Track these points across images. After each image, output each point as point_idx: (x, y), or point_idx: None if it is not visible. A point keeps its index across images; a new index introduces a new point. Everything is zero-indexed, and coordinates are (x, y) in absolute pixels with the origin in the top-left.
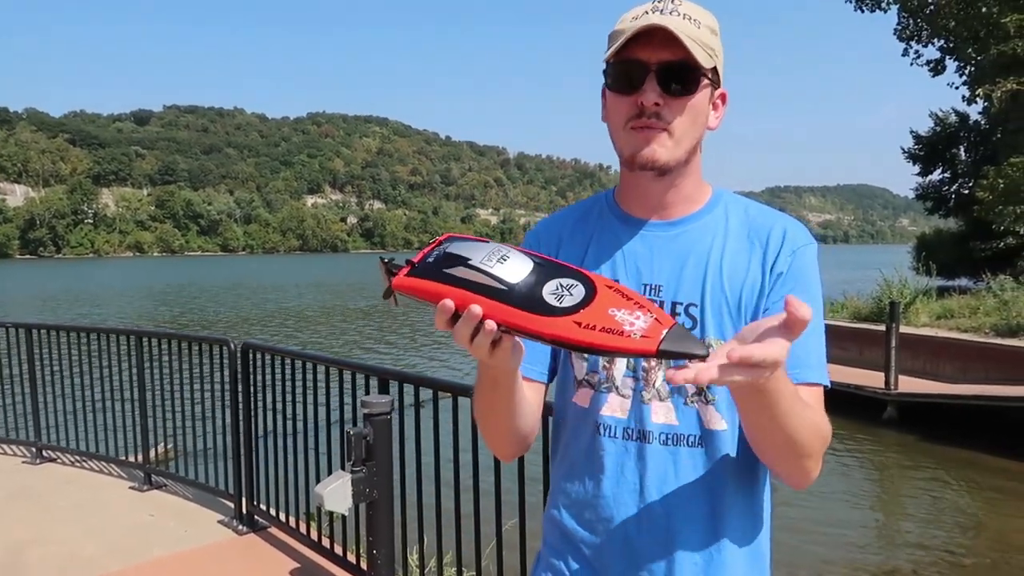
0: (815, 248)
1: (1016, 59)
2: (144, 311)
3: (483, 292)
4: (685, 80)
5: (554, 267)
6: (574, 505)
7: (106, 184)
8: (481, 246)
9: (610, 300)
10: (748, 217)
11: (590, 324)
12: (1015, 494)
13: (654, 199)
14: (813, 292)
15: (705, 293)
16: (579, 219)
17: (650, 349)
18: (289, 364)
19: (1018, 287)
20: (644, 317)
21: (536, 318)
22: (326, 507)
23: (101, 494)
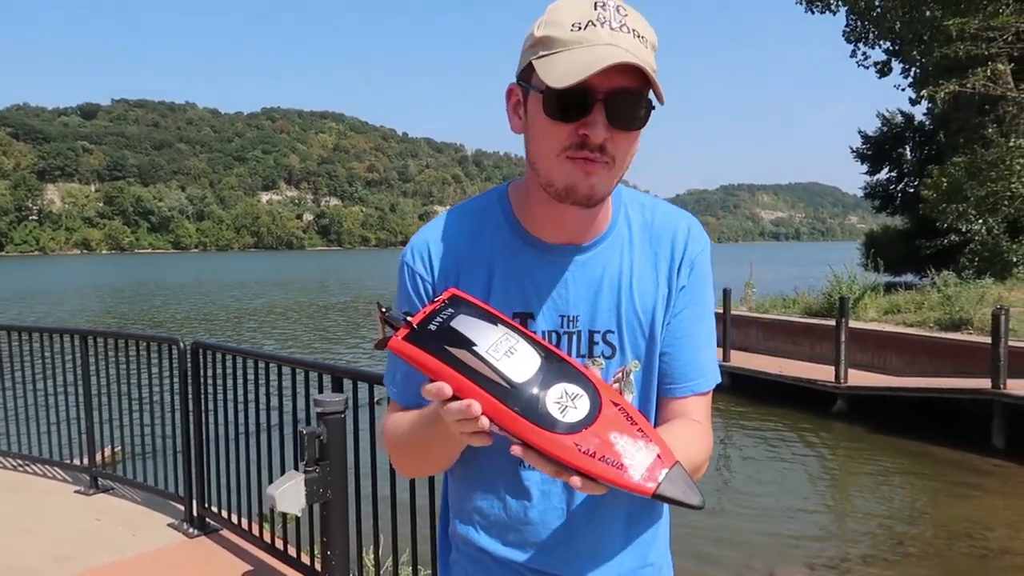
0: (709, 248)
1: (958, 62)
2: (91, 310)
3: (485, 386)
4: (638, 114)
5: (561, 367)
6: (494, 527)
7: (51, 180)
8: (490, 330)
9: (614, 422)
10: (646, 223)
11: (591, 451)
12: (958, 483)
13: (570, 226)
14: (707, 299)
15: (621, 319)
16: (474, 240)
17: (647, 491)
18: (241, 363)
19: (961, 283)
20: (646, 450)
21: (536, 430)
22: (279, 508)
23: (44, 499)
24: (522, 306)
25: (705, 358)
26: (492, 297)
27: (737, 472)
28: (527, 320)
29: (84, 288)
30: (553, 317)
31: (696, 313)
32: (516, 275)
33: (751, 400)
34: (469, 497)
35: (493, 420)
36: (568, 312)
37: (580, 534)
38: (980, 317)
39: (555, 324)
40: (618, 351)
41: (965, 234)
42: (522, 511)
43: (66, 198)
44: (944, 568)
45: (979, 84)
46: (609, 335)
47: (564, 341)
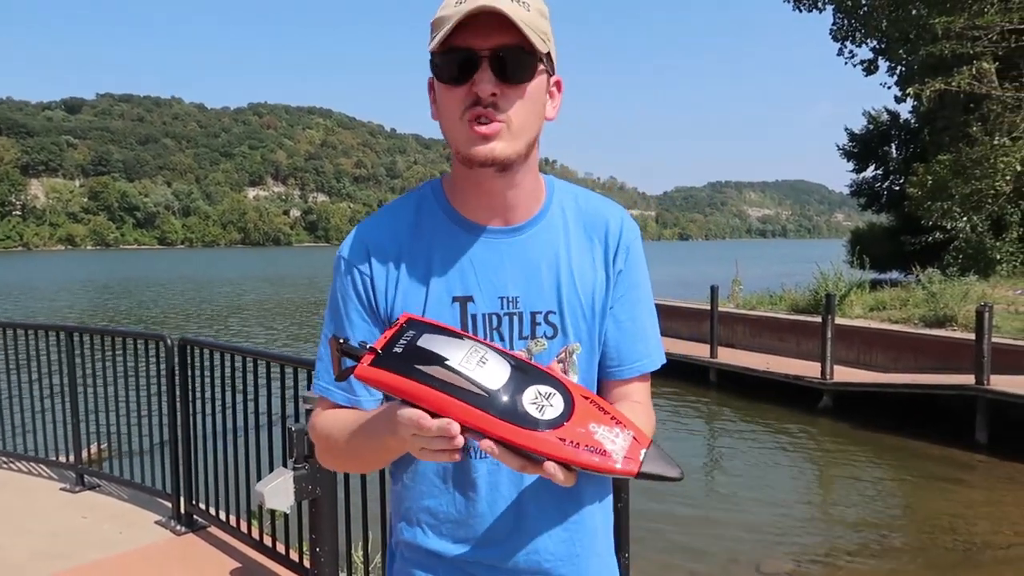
0: (639, 232)
1: (944, 60)
2: (77, 307)
3: (463, 398)
4: (521, 66)
5: (531, 371)
6: (443, 524)
7: (35, 175)
8: (457, 343)
9: (589, 414)
10: (580, 210)
11: (574, 441)
12: (943, 478)
13: (497, 200)
14: (644, 282)
15: (562, 299)
16: (411, 229)
17: (631, 472)
18: (228, 359)
19: (945, 280)
20: (623, 435)
21: (520, 431)
22: (267, 505)
23: (30, 496)
24: (462, 290)
25: (647, 339)
26: (431, 283)
27: (723, 467)
28: (467, 303)
29: (69, 284)
30: (492, 299)
31: (638, 296)
32: (453, 259)
33: (738, 396)
34: (416, 498)
35: (475, 428)
36: (507, 293)
37: (529, 524)
38: (964, 314)
39: (495, 306)
40: (560, 331)
41: (950, 232)
42: (471, 504)
43: (50, 193)
44: (928, 561)
45: (964, 83)
46: (551, 315)
47: (506, 322)
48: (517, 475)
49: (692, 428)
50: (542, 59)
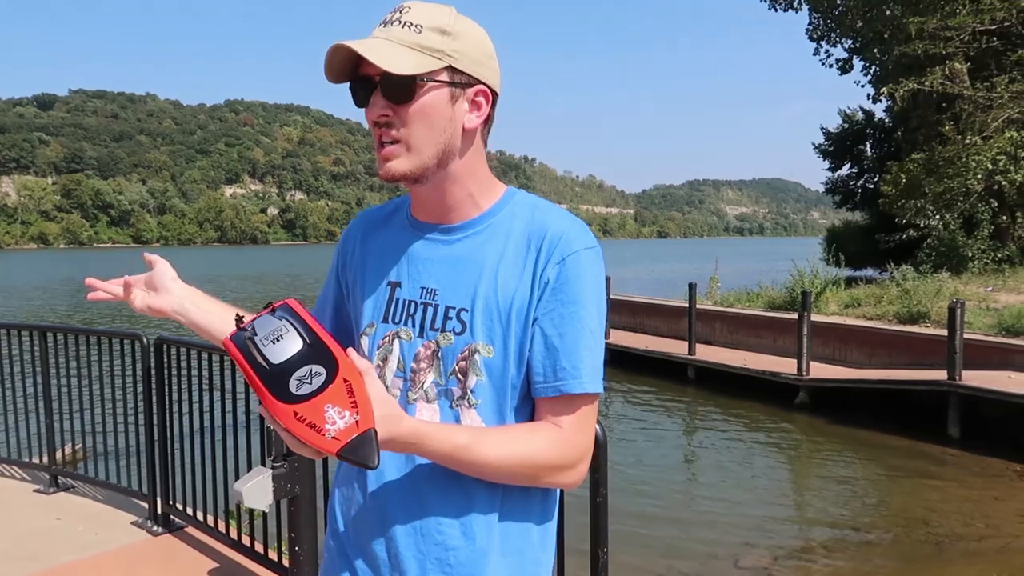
0: (592, 253)
1: (917, 60)
2: (50, 306)
3: (252, 365)
4: (400, 88)
5: (320, 351)
6: (341, 504)
7: (6, 172)
8: (272, 323)
9: (334, 395)
10: (532, 219)
11: (303, 416)
12: (916, 472)
13: (429, 205)
14: (582, 300)
15: (476, 299)
16: (384, 222)
17: (332, 450)
18: (206, 358)
19: (919, 277)
20: (348, 417)
21: (272, 401)
22: (246, 504)
23: (3, 499)
24: (395, 275)
25: (576, 359)
26: (377, 267)
27: (701, 463)
28: (396, 288)
29: (42, 283)
30: (415, 288)
31: (568, 313)
32: (394, 249)
33: (715, 392)
34: (337, 480)
35: (255, 391)
36: (428, 285)
37: (410, 514)
38: (937, 311)
39: (416, 294)
40: (468, 329)
41: (923, 229)
42: (360, 486)
43: (22, 191)
44: (901, 554)
45: (937, 82)
46: (463, 313)
47: (421, 310)
48: (403, 462)
49: (670, 425)
50: (422, 78)
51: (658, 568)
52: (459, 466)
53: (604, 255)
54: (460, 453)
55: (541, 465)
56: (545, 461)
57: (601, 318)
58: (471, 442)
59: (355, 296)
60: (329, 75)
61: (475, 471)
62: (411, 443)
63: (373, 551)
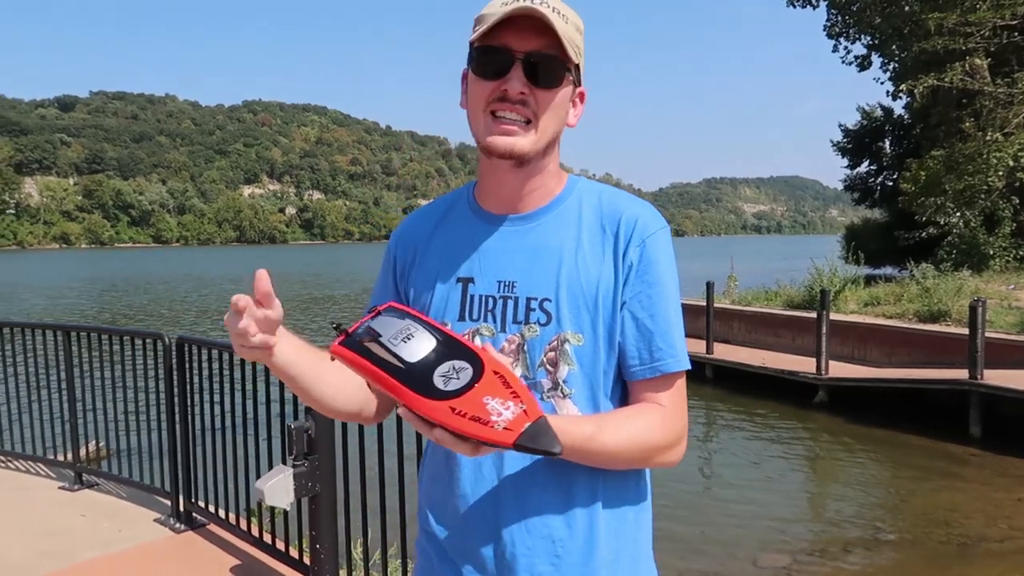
0: (666, 233)
1: (936, 56)
2: (73, 305)
3: (385, 368)
4: (552, 72)
5: (454, 347)
6: (436, 507)
7: (29, 173)
8: (395, 323)
9: (490, 387)
10: (600, 205)
11: (463, 411)
12: (936, 472)
13: (509, 192)
14: (665, 280)
15: (560, 287)
16: (441, 219)
17: (507, 442)
18: (227, 358)
19: (939, 275)
20: (514, 408)
21: (420, 399)
22: (267, 502)
23: (28, 495)
24: (465, 271)
25: (670, 339)
26: (442, 266)
27: (720, 462)
28: (468, 284)
29: (65, 283)
30: (491, 282)
31: (655, 293)
32: (461, 243)
33: (734, 392)
34: (426, 481)
35: (391, 395)
36: (505, 278)
37: (506, 514)
38: (958, 309)
39: (493, 289)
40: (554, 318)
41: (943, 227)
42: (456, 485)
43: (44, 192)
44: (922, 555)
45: (957, 78)
46: (546, 303)
47: (501, 305)
48: (499, 459)
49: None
50: (571, 69)
51: (676, 567)
52: (583, 456)
53: None
54: (587, 444)
55: (653, 446)
56: (656, 442)
57: (679, 295)
58: (596, 431)
59: (420, 299)
60: (482, 32)
61: (596, 460)
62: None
63: (479, 552)
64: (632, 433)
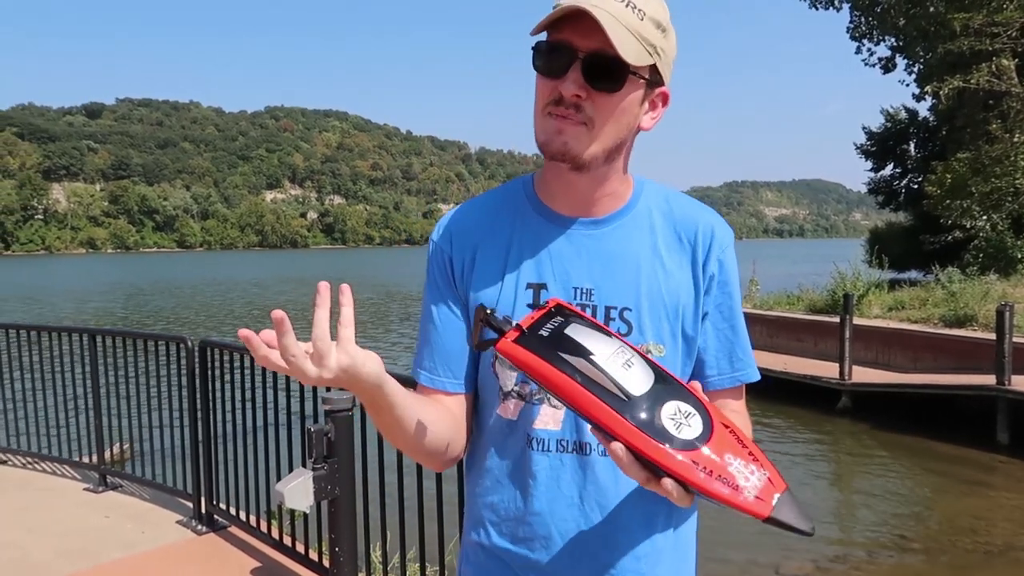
0: (733, 239)
1: (962, 57)
2: (99, 309)
3: (601, 396)
4: (610, 75)
5: (672, 385)
6: (504, 522)
7: (57, 179)
8: (605, 340)
9: (726, 442)
10: (671, 211)
11: (708, 469)
12: (963, 479)
13: (577, 195)
14: (738, 291)
15: (640, 296)
16: (495, 215)
17: (762, 514)
18: (249, 361)
19: (965, 279)
20: (758, 473)
21: (654, 444)
22: (287, 505)
23: (54, 496)
24: (536, 277)
25: (747, 348)
26: (508, 268)
27: None
28: (540, 291)
29: (91, 287)
30: (566, 289)
31: (733, 304)
32: (531, 246)
33: (755, 397)
34: (481, 494)
35: (608, 430)
36: (581, 284)
37: (590, 530)
38: (985, 313)
39: (568, 296)
40: (635, 329)
41: (969, 230)
42: (530, 501)
43: (71, 197)
44: (948, 564)
45: (983, 80)
46: (626, 312)
47: None
48: (580, 474)
49: None
50: (639, 72)
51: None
52: None
53: None
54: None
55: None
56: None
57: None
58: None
59: (483, 304)
60: (539, 26)
61: None
62: None
63: (560, 571)
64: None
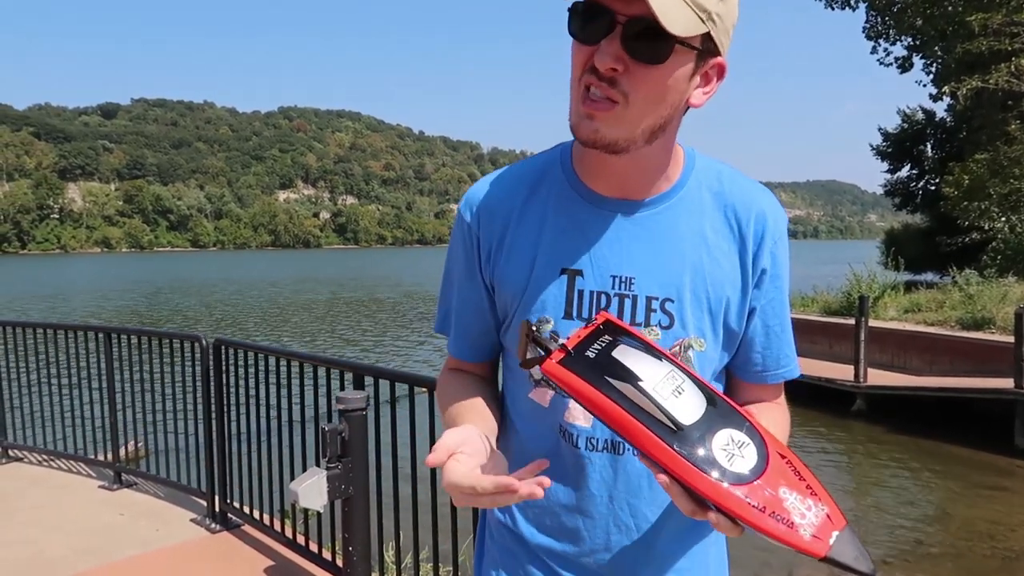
0: (787, 225)
1: (981, 57)
2: (114, 308)
3: (650, 426)
4: (654, 46)
5: (725, 410)
6: (530, 509)
7: (72, 179)
8: (655, 364)
9: (782, 475)
10: (724, 192)
11: (761, 506)
12: (980, 484)
13: (617, 175)
14: (787, 283)
15: (684, 287)
16: (530, 192)
17: (818, 553)
18: (263, 360)
19: (983, 281)
20: (816, 509)
21: (704, 479)
22: (301, 504)
23: (69, 493)
24: (571, 262)
25: (792, 345)
26: (540, 252)
27: None
28: (576, 277)
29: (106, 286)
30: (604, 277)
31: (783, 299)
32: (567, 228)
33: None
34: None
35: (657, 461)
36: (621, 272)
37: (631, 533)
38: (1003, 316)
39: (606, 284)
40: (677, 322)
41: (987, 232)
42: (559, 494)
43: (87, 197)
44: (966, 569)
45: (1002, 80)
46: (668, 303)
47: (616, 303)
48: (611, 473)
49: None
50: (689, 42)
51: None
52: None
53: None
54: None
55: (787, 435)
56: (785, 440)
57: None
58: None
59: (508, 285)
60: None
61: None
62: None
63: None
64: (783, 437)
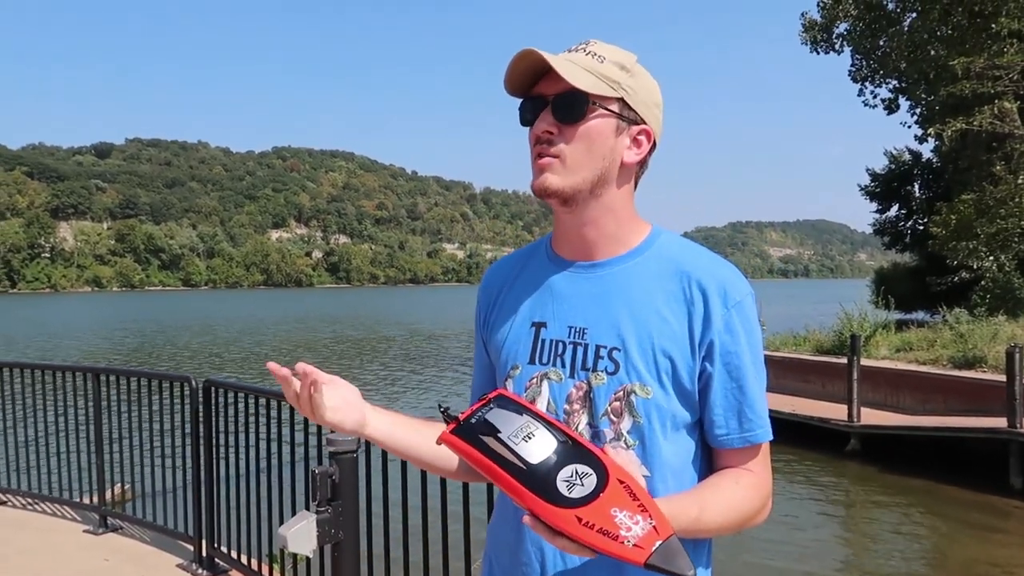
0: (752, 299)
1: (964, 100)
2: (103, 348)
3: (504, 467)
4: (573, 108)
5: (575, 450)
6: (495, 548)
7: (64, 217)
8: (514, 419)
9: (616, 497)
10: (682, 261)
11: (590, 523)
12: (976, 524)
13: (574, 235)
14: (751, 348)
15: (629, 338)
16: (523, 266)
17: (638, 560)
18: (252, 401)
19: (973, 320)
20: (643, 523)
21: (544, 505)
22: (290, 548)
23: (53, 538)
24: (539, 315)
25: (758, 408)
26: (519, 310)
27: None
28: (541, 328)
29: (96, 326)
30: (562, 327)
31: (743, 363)
32: (533, 289)
33: None
34: (493, 521)
35: (512, 497)
36: (576, 323)
37: (569, 559)
38: (994, 355)
39: (563, 334)
40: (621, 368)
41: (976, 271)
42: (514, 531)
43: (78, 236)
44: None
45: (986, 122)
46: (615, 352)
47: (570, 351)
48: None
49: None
50: (601, 103)
51: None
52: (687, 535)
53: None
54: (693, 526)
55: (749, 516)
56: (752, 511)
57: (763, 362)
58: (700, 513)
59: (495, 341)
60: (508, 84)
61: (697, 536)
62: None
63: None
64: (732, 507)
